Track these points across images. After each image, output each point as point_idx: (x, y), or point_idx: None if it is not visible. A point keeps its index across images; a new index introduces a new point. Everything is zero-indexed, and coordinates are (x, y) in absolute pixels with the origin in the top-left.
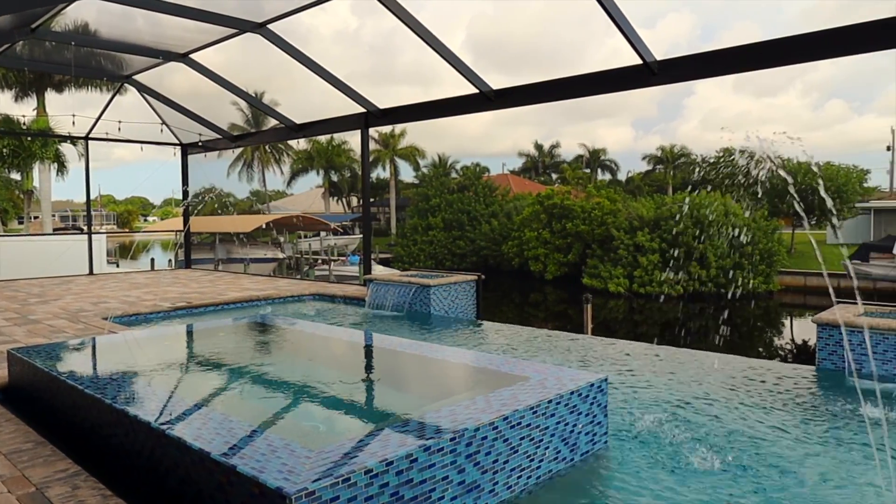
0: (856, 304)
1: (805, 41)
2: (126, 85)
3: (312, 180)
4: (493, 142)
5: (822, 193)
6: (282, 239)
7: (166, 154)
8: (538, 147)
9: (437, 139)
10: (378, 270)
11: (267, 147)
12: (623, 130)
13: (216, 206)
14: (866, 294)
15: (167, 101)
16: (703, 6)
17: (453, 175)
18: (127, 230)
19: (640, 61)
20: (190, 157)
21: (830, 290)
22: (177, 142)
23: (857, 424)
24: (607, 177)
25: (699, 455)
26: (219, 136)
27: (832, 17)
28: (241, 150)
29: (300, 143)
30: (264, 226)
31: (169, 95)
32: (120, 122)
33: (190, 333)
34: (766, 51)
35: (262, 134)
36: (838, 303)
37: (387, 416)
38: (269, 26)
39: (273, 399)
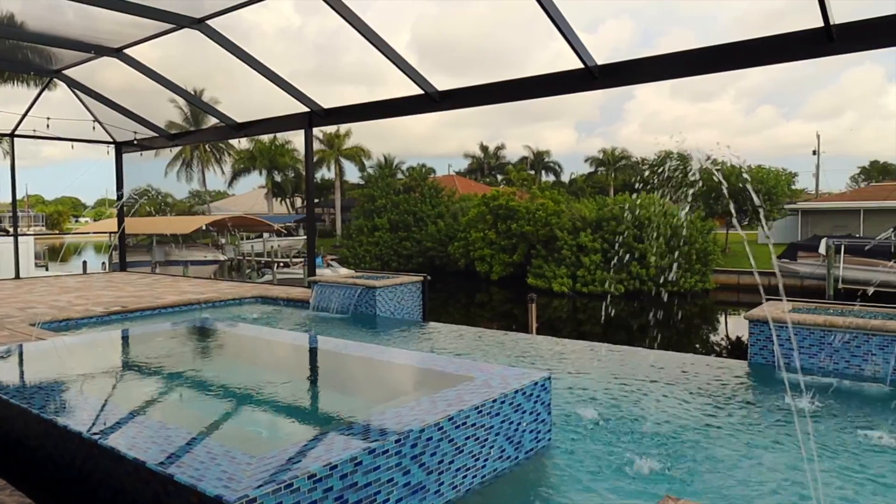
0: (786, 301)
1: (736, 49)
2: (55, 80)
3: (255, 180)
4: (439, 143)
5: (753, 196)
6: (223, 240)
7: (99, 152)
8: (483, 148)
9: (382, 140)
10: (344, 272)
11: (207, 146)
12: (566, 133)
13: (153, 207)
14: (795, 291)
15: (100, 97)
16: (643, 13)
17: (399, 176)
18: (57, 232)
19: (581, 65)
20: (125, 156)
21: (760, 288)
22: (110, 140)
23: (783, 415)
24: (551, 178)
25: (640, 449)
26: (155, 135)
27: (760, 26)
28: (179, 149)
29: (242, 143)
30: (204, 227)
31: (102, 91)
32: (49, 118)
33: (125, 339)
34: (701, 57)
35: (201, 133)
36: (768, 300)
37: (331, 419)
38: (209, 22)
39: (213, 405)
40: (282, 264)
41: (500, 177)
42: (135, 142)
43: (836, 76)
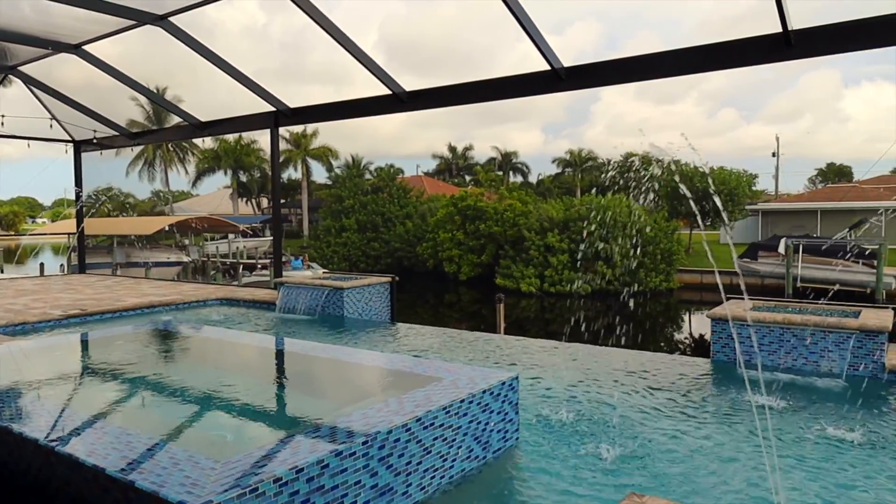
0: (747, 299)
1: (699, 53)
2: (10, 76)
3: (220, 180)
4: (407, 143)
5: (715, 198)
6: (186, 241)
7: (57, 151)
8: (452, 149)
9: (350, 140)
10: (324, 273)
11: (170, 145)
12: (534, 134)
13: (114, 207)
14: (756, 290)
15: (57, 94)
16: (609, 16)
17: (367, 176)
18: (12, 233)
19: (548, 67)
20: (84, 155)
21: (721, 287)
22: (69, 138)
23: (743, 410)
24: (519, 179)
25: (606, 446)
26: (116, 133)
27: (722, 30)
28: (141, 148)
29: (206, 142)
30: (167, 228)
31: (59, 89)
32: (3, 116)
33: (84, 343)
34: (665, 61)
35: (163, 132)
36: (729, 298)
37: (298, 422)
38: (171, 19)
39: (177, 410)
40: (260, 266)
41: (468, 177)
42: (94, 140)
43: (794, 80)
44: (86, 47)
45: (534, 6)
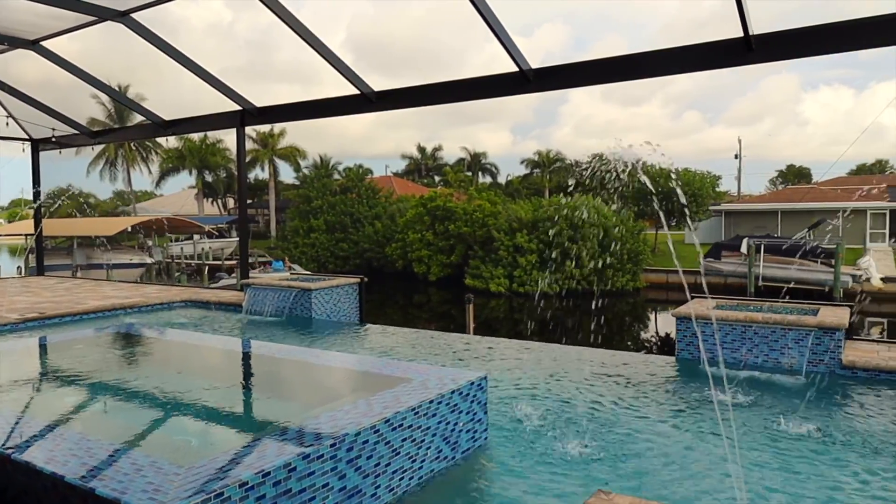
0: (711, 298)
1: (664, 56)
2: None
3: (184, 180)
4: (376, 143)
5: (681, 197)
6: (150, 243)
7: (13, 150)
8: (421, 149)
9: (318, 140)
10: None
11: (132, 144)
12: (502, 135)
13: (74, 207)
14: (719, 289)
15: (14, 91)
16: (577, 18)
17: (335, 176)
18: None
19: (516, 69)
20: (42, 154)
21: (685, 286)
22: (26, 137)
23: (707, 406)
24: (488, 180)
25: (574, 445)
26: (76, 132)
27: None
28: (102, 147)
29: (170, 141)
30: (130, 228)
31: (16, 85)
32: None
33: (42, 347)
34: (631, 63)
35: (126, 130)
36: (693, 297)
37: (265, 425)
38: (133, 15)
39: (140, 415)
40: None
41: (437, 178)
42: (53, 139)
43: (755, 84)
44: (44, 43)
45: (502, 8)
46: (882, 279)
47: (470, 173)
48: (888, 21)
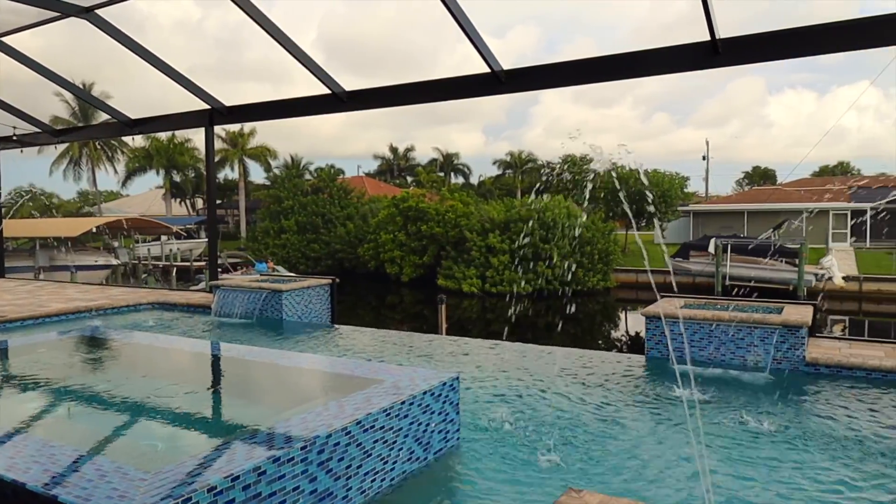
0: (679, 297)
1: (634, 59)
2: None
3: (152, 180)
4: (348, 143)
5: (650, 199)
6: (116, 244)
7: None
8: (393, 150)
9: (289, 139)
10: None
11: (97, 143)
12: (474, 136)
13: (36, 208)
14: (687, 288)
15: None
16: (548, 19)
17: (307, 177)
18: None
19: (488, 70)
20: (2, 153)
21: (653, 285)
22: None
23: (674, 404)
24: (460, 180)
25: (545, 442)
26: (38, 130)
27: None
28: (66, 146)
29: (137, 141)
30: (95, 229)
31: None
32: None
33: (3, 351)
34: (601, 66)
35: (90, 129)
36: (662, 297)
37: (234, 428)
38: (98, 11)
39: (105, 420)
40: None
41: (409, 178)
42: (14, 137)
43: (722, 86)
44: (4, 39)
45: (474, 8)
46: (844, 278)
47: (442, 174)
48: (849, 27)
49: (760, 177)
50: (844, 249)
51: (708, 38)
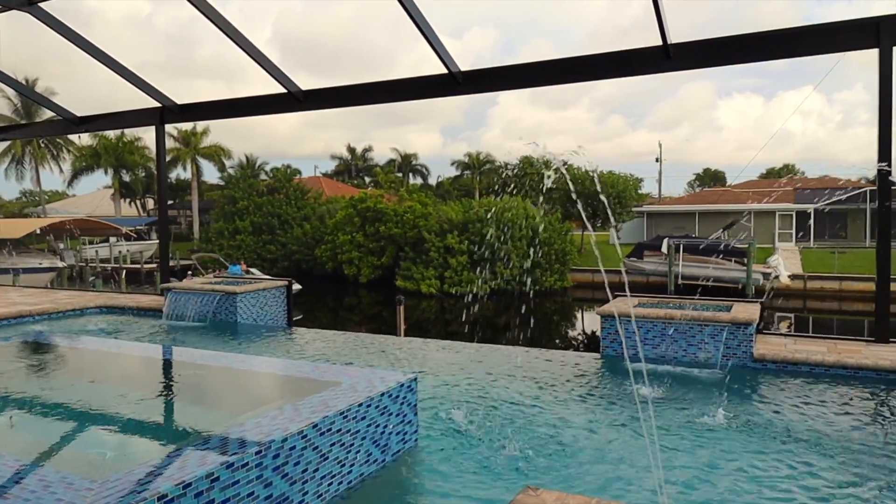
0: (632, 296)
1: (589, 62)
2: None
3: (100, 180)
4: (304, 143)
5: (604, 201)
6: (62, 245)
7: None
8: (351, 150)
9: (244, 139)
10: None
11: (41, 141)
12: (432, 136)
13: None
14: (642, 287)
15: None
16: (506, 21)
17: (262, 177)
18: None
19: (445, 71)
20: None
21: (606, 285)
22: None
23: (628, 401)
24: (419, 181)
25: (502, 442)
26: None
27: (610, 41)
28: (7, 144)
29: (84, 139)
30: (39, 231)
31: None
32: None
33: None
34: (558, 68)
35: (33, 126)
36: (616, 296)
37: (187, 434)
38: (42, 4)
39: (48, 428)
40: (189, 272)
41: (367, 179)
42: None
43: (675, 90)
44: None
45: (432, 9)
46: (789, 276)
47: (400, 174)
48: (793, 34)
49: (711, 178)
50: (790, 249)
51: (660, 43)
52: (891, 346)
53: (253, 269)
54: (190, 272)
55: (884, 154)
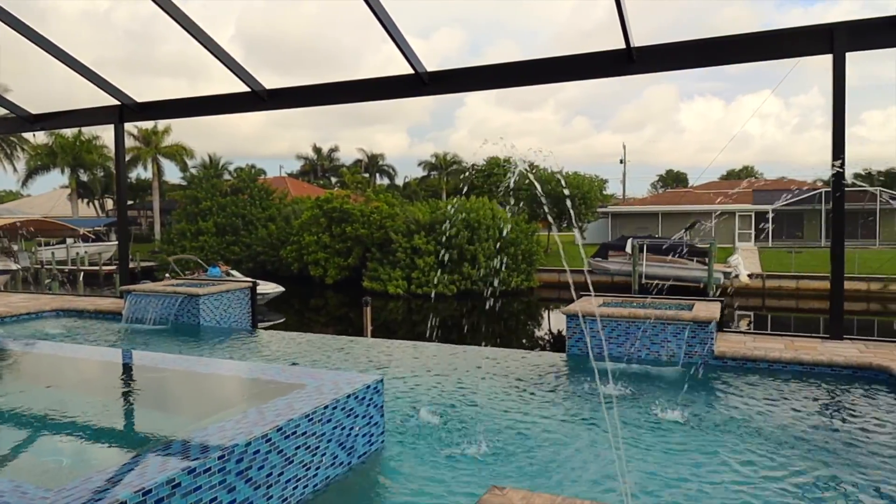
0: (597, 296)
1: (554, 64)
2: None
3: (56, 180)
4: (269, 143)
5: (568, 203)
6: (15, 247)
7: None
8: (317, 150)
9: (207, 138)
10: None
11: None
12: (399, 137)
13: None
14: (606, 287)
15: None
16: (473, 22)
17: (226, 177)
18: None
19: (412, 71)
20: None
21: (571, 285)
22: None
23: (592, 400)
24: (385, 181)
25: (469, 442)
26: None
27: (575, 44)
28: None
29: (39, 137)
30: None
31: None
32: None
33: None
34: (524, 70)
35: None
36: (581, 296)
37: (147, 440)
38: None
39: (1, 436)
40: (168, 274)
41: (334, 179)
42: None
43: (639, 93)
44: None
45: (398, 9)
46: (749, 276)
47: (367, 175)
48: (752, 39)
49: (673, 180)
50: (749, 248)
51: (623, 46)
52: (845, 343)
53: (234, 272)
54: (168, 275)
55: (838, 156)
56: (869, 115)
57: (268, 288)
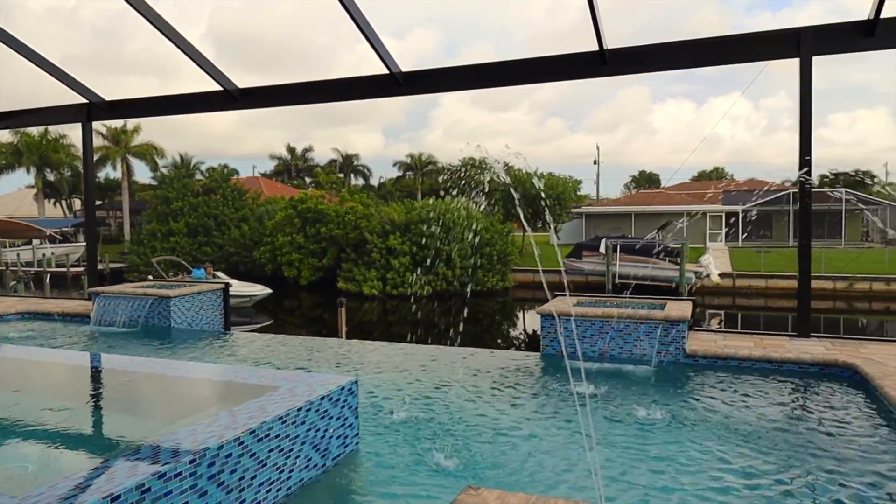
0: (571, 295)
1: (529, 65)
2: None
3: (21, 179)
4: (242, 143)
5: (543, 203)
6: None
7: None
8: (290, 150)
9: (178, 137)
10: (236, 284)
11: None
12: (374, 137)
13: None
14: (581, 287)
15: None
16: (448, 23)
17: (198, 177)
18: None
19: (387, 71)
20: None
21: (545, 285)
22: None
23: (566, 398)
24: (360, 182)
25: (444, 442)
26: None
27: (549, 45)
28: None
29: (3, 135)
30: None
31: None
32: None
33: None
34: (498, 71)
35: None
36: (556, 296)
37: (116, 445)
38: None
39: None
40: (152, 276)
41: (308, 179)
42: None
43: (612, 94)
44: None
45: (372, 9)
46: (720, 275)
47: (342, 175)
48: (722, 43)
49: (646, 180)
50: (720, 248)
51: (596, 48)
52: (812, 341)
53: (219, 273)
54: (150, 276)
55: (805, 154)
56: (835, 117)
57: (255, 290)
